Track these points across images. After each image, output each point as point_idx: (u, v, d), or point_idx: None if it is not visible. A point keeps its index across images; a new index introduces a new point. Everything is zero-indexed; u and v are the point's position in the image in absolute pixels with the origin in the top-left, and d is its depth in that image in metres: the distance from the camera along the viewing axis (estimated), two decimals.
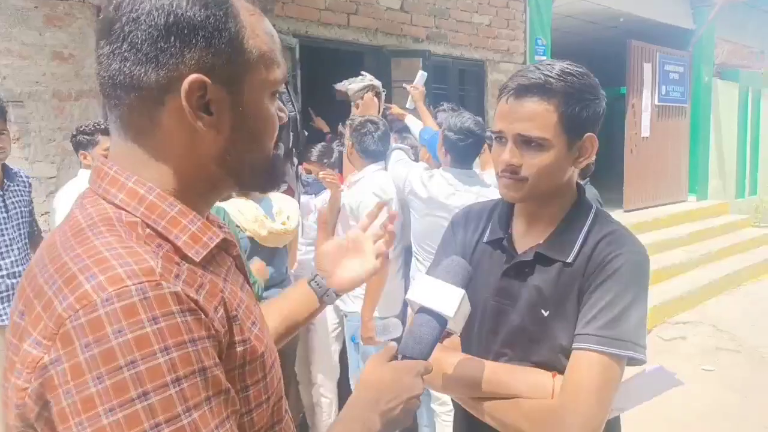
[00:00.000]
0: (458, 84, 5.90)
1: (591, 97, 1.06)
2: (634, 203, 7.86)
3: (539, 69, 1.05)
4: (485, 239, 1.20)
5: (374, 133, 2.74)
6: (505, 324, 1.12)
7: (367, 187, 2.70)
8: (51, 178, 3.21)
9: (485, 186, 2.66)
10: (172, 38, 0.62)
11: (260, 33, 0.68)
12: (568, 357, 1.05)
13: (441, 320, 0.93)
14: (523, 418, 1.02)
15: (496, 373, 1.08)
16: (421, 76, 3.78)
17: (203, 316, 0.59)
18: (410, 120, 3.50)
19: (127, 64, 0.62)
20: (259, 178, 0.73)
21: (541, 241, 1.12)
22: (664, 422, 3.21)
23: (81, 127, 2.80)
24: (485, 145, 3.77)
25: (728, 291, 6.29)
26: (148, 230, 0.63)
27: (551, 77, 1.03)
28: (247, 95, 0.67)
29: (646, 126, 8.01)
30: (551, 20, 6.64)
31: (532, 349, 1.10)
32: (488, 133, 3.68)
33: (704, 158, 9.05)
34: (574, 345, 1.03)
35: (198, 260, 0.64)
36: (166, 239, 0.63)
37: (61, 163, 3.23)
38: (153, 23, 0.62)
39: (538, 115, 1.03)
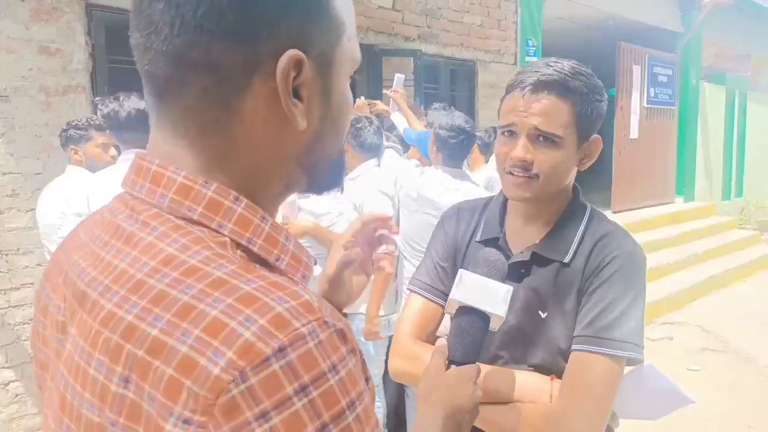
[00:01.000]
0: (449, 84, 5.90)
1: (600, 98, 1.06)
2: (622, 204, 7.91)
3: (551, 66, 1.03)
4: (478, 238, 1.18)
5: (369, 127, 2.79)
6: (503, 326, 1.10)
7: (369, 183, 2.70)
8: (37, 174, 3.17)
9: (475, 185, 2.67)
10: (269, 2, 0.48)
11: None
12: (566, 360, 1.03)
13: (486, 319, 0.90)
14: (522, 423, 1.01)
15: (493, 377, 1.05)
16: (398, 79, 3.85)
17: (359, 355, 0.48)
18: (396, 117, 3.53)
19: (205, 36, 0.47)
20: (331, 176, 0.60)
21: (536, 241, 1.10)
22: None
23: (73, 121, 2.76)
24: (474, 146, 3.75)
25: (715, 292, 6.35)
26: (239, 252, 0.49)
27: (567, 75, 1.02)
28: (334, 77, 0.55)
29: (634, 128, 8.07)
30: (542, 21, 6.67)
31: (529, 352, 1.08)
32: (477, 133, 3.69)
33: (691, 160, 9.14)
34: (573, 347, 1.02)
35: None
36: (265, 262, 0.50)
37: (48, 159, 3.18)
38: None
39: (555, 111, 1.02)
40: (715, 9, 8.47)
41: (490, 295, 0.90)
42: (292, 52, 0.49)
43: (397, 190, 2.69)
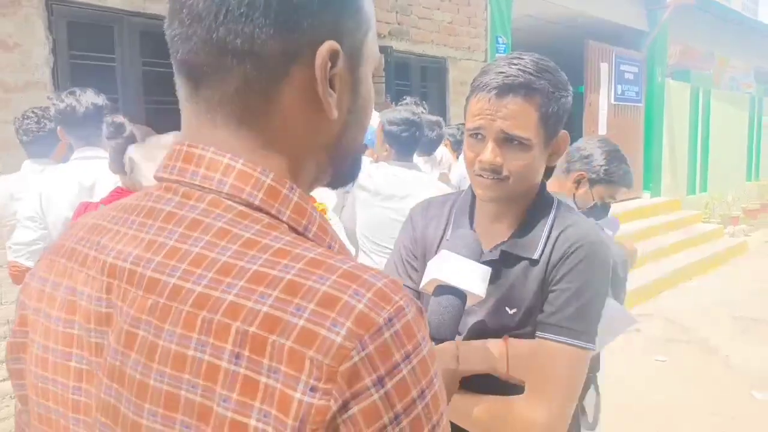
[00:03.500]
0: (420, 81, 5.91)
1: (565, 94, 1.06)
2: None
3: (515, 65, 1.02)
4: (448, 236, 1.17)
5: None
6: (470, 323, 1.10)
7: None
8: None
9: (428, 176, 2.66)
10: None
11: None
12: None
13: (463, 298, 0.92)
14: (490, 415, 1.01)
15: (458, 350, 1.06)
16: None
17: None
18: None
19: (249, 25, 0.49)
20: (352, 171, 0.62)
21: (505, 239, 1.10)
22: (617, 410, 3.30)
23: (40, 110, 2.59)
24: (445, 140, 3.74)
25: (680, 284, 6.52)
26: (295, 236, 0.51)
27: (532, 75, 1.01)
28: (362, 72, 0.57)
29: (602, 124, 8.22)
30: (512, 19, 6.73)
31: None
32: (445, 129, 3.70)
33: (658, 156, 9.35)
34: (539, 333, 1.03)
35: None
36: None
37: (7, 157, 3.08)
38: None
39: (521, 114, 1.01)
40: (679, 8, 8.67)
41: (470, 274, 0.93)
42: (331, 43, 0.51)
43: (353, 186, 2.66)
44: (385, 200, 2.50)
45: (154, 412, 0.45)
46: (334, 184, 0.62)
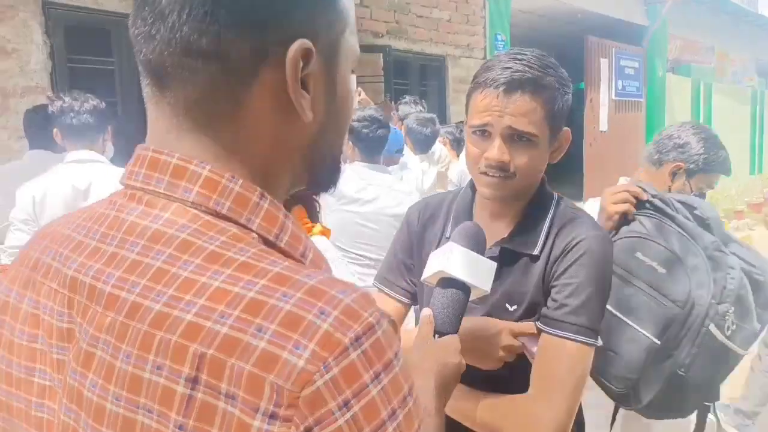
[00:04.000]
0: (419, 79, 5.91)
1: (568, 90, 1.06)
2: (593, 195, 8.04)
3: (519, 60, 1.02)
4: (448, 234, 1.16)
5: None
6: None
7: None
8: None
9: (397, 178, 2.61)
10: None
11: None
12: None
13: (468, 292, 0.91)
14: (492, 412, 1.01)
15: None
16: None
17: None
18: None
19: (214, 24, 0.46)
20: (331, 175, 0.59)
21: (505, 236, 1.10)
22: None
23: (40, 107, 2.61)
24: (444, 139, 3.72)
25: None
26: (263, 247, 0.48)
27: (539, 71, 1.01)
28: (339, 70, 0.54)
29: (603, 120, 8.21)
30: (510, 16, 6.72)
31: None
32: (438, 128, 3.67)
33: None
34: (546, 328, 1.02)
35: None
36: (290, 258, 0.49)
37: (7, 162, 3.08)
38: None
39: (530, 111, 1.01)
40: (678, 1, 8.65)
41: (477, 269, 0.92)
42: (301, 42, 0.48)
43: None
44: (348, 204, 2.42)
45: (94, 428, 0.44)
46: (311, 189, 0.59)
